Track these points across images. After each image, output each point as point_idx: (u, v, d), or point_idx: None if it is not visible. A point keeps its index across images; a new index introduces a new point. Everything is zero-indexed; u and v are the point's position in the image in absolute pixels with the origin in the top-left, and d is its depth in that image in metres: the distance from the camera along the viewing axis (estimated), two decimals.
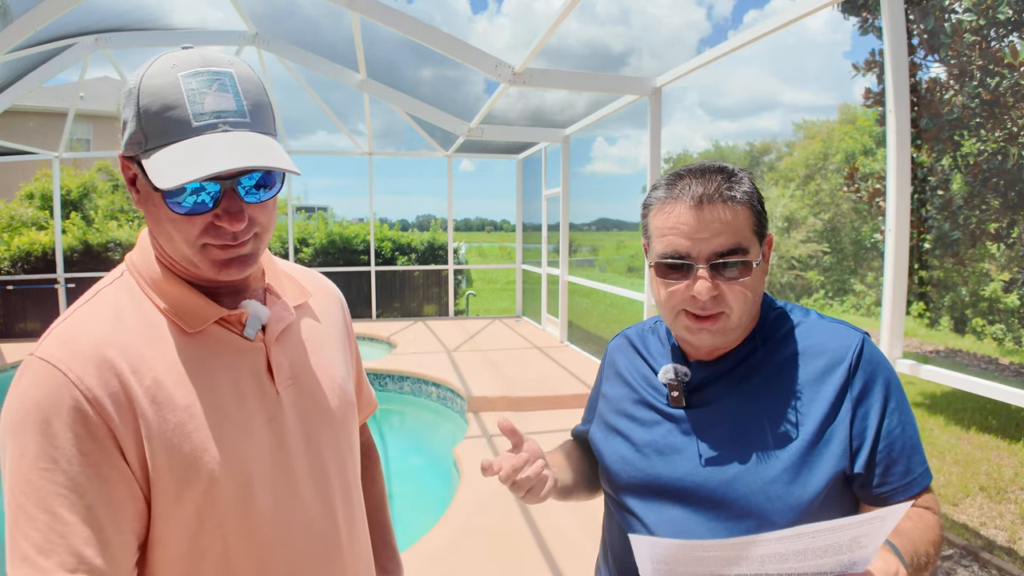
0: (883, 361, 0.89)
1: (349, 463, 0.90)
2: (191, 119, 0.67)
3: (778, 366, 0.90)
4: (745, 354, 0.92)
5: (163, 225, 0.72)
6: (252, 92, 0.72)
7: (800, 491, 0.82)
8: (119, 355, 0.69)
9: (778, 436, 0.86)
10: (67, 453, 0.64)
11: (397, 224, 11.06)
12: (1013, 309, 6.17)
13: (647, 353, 1.03)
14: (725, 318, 0.86)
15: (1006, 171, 4.46)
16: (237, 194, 0.71)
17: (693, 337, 0.89)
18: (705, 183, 0.84)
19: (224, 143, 0.67)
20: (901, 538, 0.77)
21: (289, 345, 0.84)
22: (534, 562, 2.68)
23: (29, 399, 0.65)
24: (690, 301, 0.86)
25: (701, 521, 0.87)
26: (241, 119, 0.69)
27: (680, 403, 0.93)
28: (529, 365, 6.04)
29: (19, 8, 3.90)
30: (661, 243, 0.87)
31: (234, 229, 0.71)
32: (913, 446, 0.85)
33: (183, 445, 0.70)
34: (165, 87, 0.67)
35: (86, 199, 13.06)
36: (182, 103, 0.67)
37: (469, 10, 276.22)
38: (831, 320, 0.94)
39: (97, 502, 0.65)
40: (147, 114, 0.67)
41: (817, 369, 0.88)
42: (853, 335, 0.90)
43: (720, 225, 0.83)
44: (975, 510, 3.79)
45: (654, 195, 0.90)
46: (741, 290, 0.85)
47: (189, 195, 0.68)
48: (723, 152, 27.70)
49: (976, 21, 4.28)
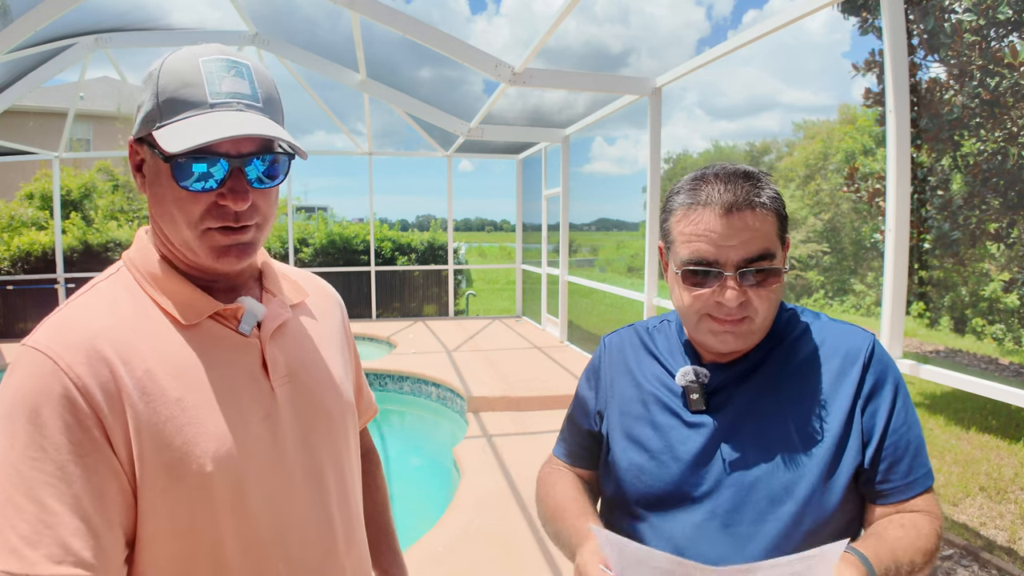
0: (892, 363, 0.90)
1: (346, 463, 0.89)
2: (208, 96, 0.70)
3: (796, 368, 0.90)
4: (762, 356, 0.91)
5: (166, 206, 0.72)
6: (266, 85, 0.75)
7: (822, 492, 0.83)
8: (110, 346, 0.69)
9: (804, 439, 0.85)
10: (56, 442, 0.64)
11: (397, 224, 11.07)
12: (1013, 309, 6.17)
13: (659, 352, 1.00)
14: (750, 321, 0.86)
15: (1006, 171, 4.46)
16: (244, 175, 0.72)
17: (716, 339, 0.87)
18: (734, 189, 0.83)
19: (237, 118, 0.69)
20: (880, 545, 0.77)
21: (285, 342, 0.83)
22: (534, 562, 2.68)
23: (20, 388, 0.65)
24: (715, 307, 0.85)
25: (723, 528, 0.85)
26: (255, 103, 0.72)
27: (701, 406, 0.91)
28: (529, 365, 6.03)
29: (19, 8, 3.90)
30: (687, 249, 0.85)
31: (237, 208, 0.71)
32: (918, 446, 0.86)
33: (173, 439, 0.69)
34: (185, 69, 0.70)
35: (86, 199, 13.05)
36: (200, 82, 0.70)
37: (468, 10, 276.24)
38: (841, 323, 0.95)
39: (85, 493, 0.64)
40: (164, 92, 0.70)
41: (834, 370, 0.88)
42: (865, 336, 0.91)
43: (749, 233, 0.83)
44: (975, 510, 3.79)
45: (677, 200, 0.88)
46: (767, 295, 0.85)
47: (196, 180, 0.70)
48: (723, 152, 27.71)
49: (976, 21, 4.28)
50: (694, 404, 0.91)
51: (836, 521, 0.84)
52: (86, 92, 15.79)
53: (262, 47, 6.41)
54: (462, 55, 4.41)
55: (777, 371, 0.90)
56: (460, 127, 6.79)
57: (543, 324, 8.28)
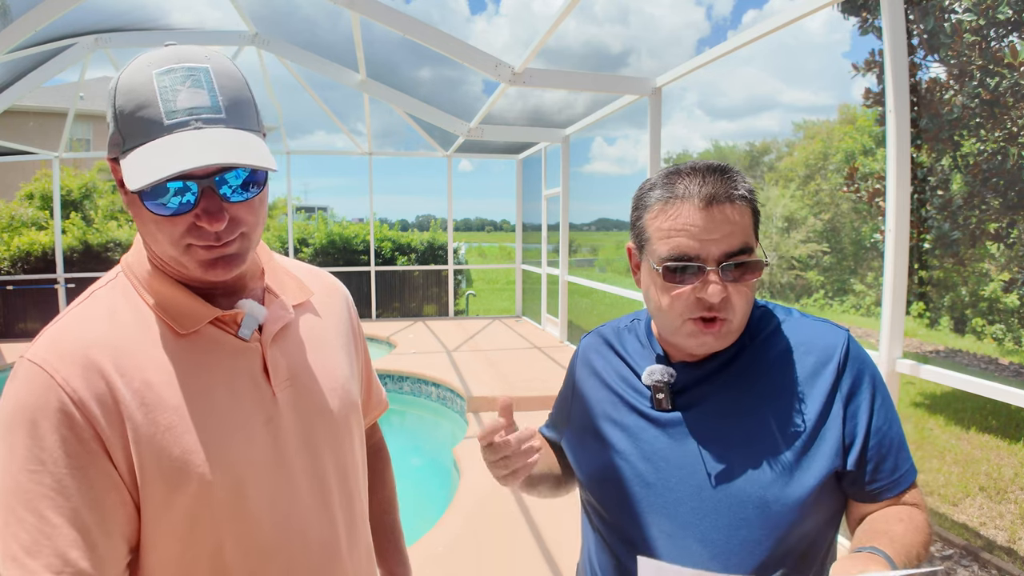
0: (867, 358, 0.89)
1: (351, 466, 0.88)
2: (163, 117, 0.65)
3: (767, 365, 0.88)
4: (732, 354, 0.89)
5: (148, 227, 0.70)
6: (229, 87, 0.69)
7: (796, 492, 0.81)
8: (107, 357, 0.69)
9: (774, 437, 0.84)
10: (54, 455, 0.64)
11: (397, 224, 11.08)
12: (1013, 309, 6.17)
13: (625, 353, 0.98)
14: (728, 323, 0.84)
15: (1006, 171, 4.46)
16: (216, 193, 0.68)
17: (696, 341, 0.85)
18: (713, 182, 0.81)
19: (195, 140, 0.65)
20: (895, 545, 0.76)
21: (287, 345, 0.82)
22: (534, 562, 2.68)
23: (18, 401, 0.66)
24: (696, 304, 0.83)
25: (693, 531, 0.84)
26: (215, 115, 0.67)
27: (667, 406, 0.89)
28: (529, 365, 6.03)
29: (19, 8, 3.90)
30: (666, 245, 0.83)
31: (214, 229, 0.68)
32: (900, 442, 0.85)
33: (173, 448, 0.69)
34: (139, 86, 0.66)
35: (86, 199, 13.06)
36: (154, 101, 0.65)
37: (467, 10, 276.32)
38: (814, 318, 0.93)
39: (82, 505, 0.65)
40: (122, 114, 0.66)
41: (807, 368, 0.87)
42: (838, 333, 0.89)
43: (730, 226, 0.81)
44: (975, 510, 3.79)
45: (652, 195, 0.86)
46: (746, 291, 0.83)
47: (172, 195, 0.66)
48: (723, 152, 27.71)
49: (976, 21, 4.28)
50: (659, 404, 0.90)
51: (814, 519, 0.83)
52: (86, 92, 15.78)
53: (262, 47, 6.41)
54: (462, 55, 4.41)
55: (748, 369, 0.88)
56: (460, 127, 6.79)
57: (543, 324, 8.28)
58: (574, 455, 1.01)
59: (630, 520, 0.89)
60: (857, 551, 0.74)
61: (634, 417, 0.92)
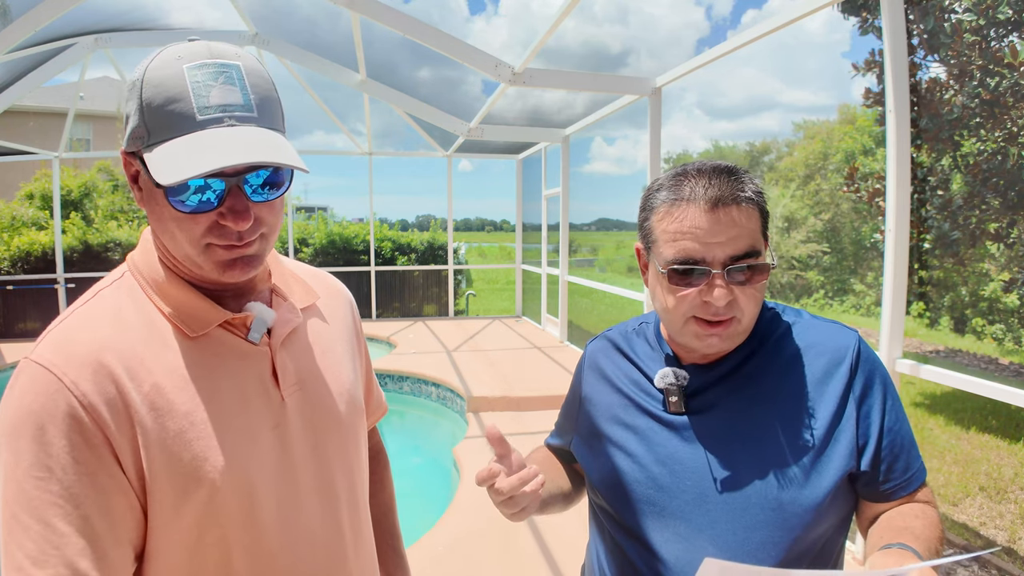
0: (877, 360, 0.90)
1: (356, 470, 0.87)
2: (195, 112, 0.64)
3: (780, 368, 0.88)
4: (744, 356, 0.89)
5: (166, 224, 0.69)
6: (260, 86, 0.68)
7: (812, 494, 0.81)
8: (117, 360, 0.67)
9: (789, 439, 0.84)
10: (62, 462, 0.62)
11: (397, 224, 11.07)
12: (1013, 309, 6.17)
13: (635, 356, 0.98)
14: (736, 323, 0.83)
15: (1006, 171, 4.46)
16: (243, 192, 0.67)
17: (701, 343, 0.84)
18: (719, 184, 0.80)
19: (229, 138, 0.64)
20: (919, 541, 0.76)
21: (295, 349, 0.81)
22: (534, 562, 2.68)
23: (24, 405, 0.63)
24: (701, 307, 0.82)
25: (708, 534, 0.83)
26: (248, 113, 0.66)
27: (679, 409, 0.89)
28: (529, 365, 6.03)
29: (19, 8, 3.90)
30: (672, 248, 0.82)
31: (239, 228, 0.67)
32: (910, 442, 0.86)
33: (183, 453, 0.67)
34: (169, 79, 0.64)
35: (86, 199, 13.06)
36: (186, 96, 0.64)
37: (467, 10, 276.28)
38: (824, 320, 0.93)
39: (93, 512, 0.63)
40: (150, 107, 0.64)
41: (819, 370, 0.87)
42: (849, 335, 0.89)
43: (736, 229, 0.80)
44: (975, 510, 3.79)
45: (659, 197, 0.85)
46: (753, 293, 0.83)
47: (193, 193, 0.65)
48: (723, 152, 27.73)
49: (976, 21, 4.28)
50: (673, 407, 0.89)
51: (828, 521, 0.83)
52: (86, 92, 15.78)
53: (262, 47, 6.40)
54: (462, 55, 4.41)
55: (760, 371, 0.88)
56: (460, 127, 6.79)
57: (543, 324, 8.28)
58: (584, 460, 1.00)
59: (643, 523, 0.88)
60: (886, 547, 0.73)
61: (646, 420, 0.92)
